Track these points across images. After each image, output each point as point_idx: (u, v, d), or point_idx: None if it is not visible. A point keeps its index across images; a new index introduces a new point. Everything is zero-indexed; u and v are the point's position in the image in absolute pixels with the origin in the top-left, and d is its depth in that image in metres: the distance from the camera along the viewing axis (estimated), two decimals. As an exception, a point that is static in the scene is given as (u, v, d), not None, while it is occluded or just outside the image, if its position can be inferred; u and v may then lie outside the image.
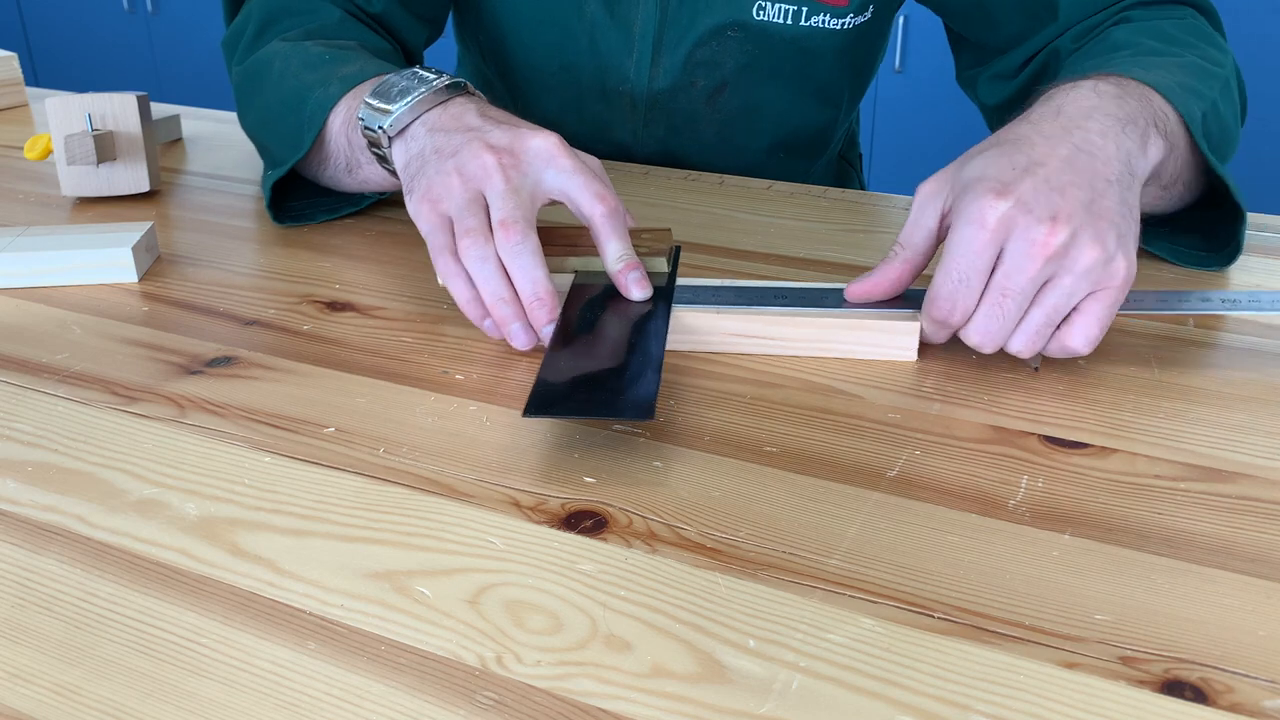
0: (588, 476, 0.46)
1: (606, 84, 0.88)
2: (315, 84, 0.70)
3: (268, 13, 0.79)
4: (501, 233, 0.54)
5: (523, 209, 0.55)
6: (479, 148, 0.57)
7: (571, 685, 0.35)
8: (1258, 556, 0.41)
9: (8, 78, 1.07)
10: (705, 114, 0.89)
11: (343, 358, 0.57)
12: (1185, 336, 0.58)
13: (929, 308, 0.53)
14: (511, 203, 0.55)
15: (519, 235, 0.54)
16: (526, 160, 0.57)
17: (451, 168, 0.57)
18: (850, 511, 0.44)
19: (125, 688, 0.36)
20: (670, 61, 0.86)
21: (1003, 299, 0.50)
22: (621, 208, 0.58)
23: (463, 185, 0.56)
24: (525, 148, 0.57)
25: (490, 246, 0.54)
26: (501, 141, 0.58)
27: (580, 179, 0.57)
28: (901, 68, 2.43)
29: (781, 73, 0.87)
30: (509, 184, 0.56)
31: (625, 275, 0.56)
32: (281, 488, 0.46)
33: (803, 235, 0.73)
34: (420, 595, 0.39)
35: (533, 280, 0.54)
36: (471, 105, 0.62)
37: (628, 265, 0.57)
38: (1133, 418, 0.50)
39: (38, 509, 0.45)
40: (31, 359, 0.57)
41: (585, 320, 0.55)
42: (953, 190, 0.53)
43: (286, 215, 0.74)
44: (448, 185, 0.57)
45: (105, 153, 0.78)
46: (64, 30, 3.30)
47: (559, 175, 0.57)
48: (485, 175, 0.56)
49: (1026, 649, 0.36)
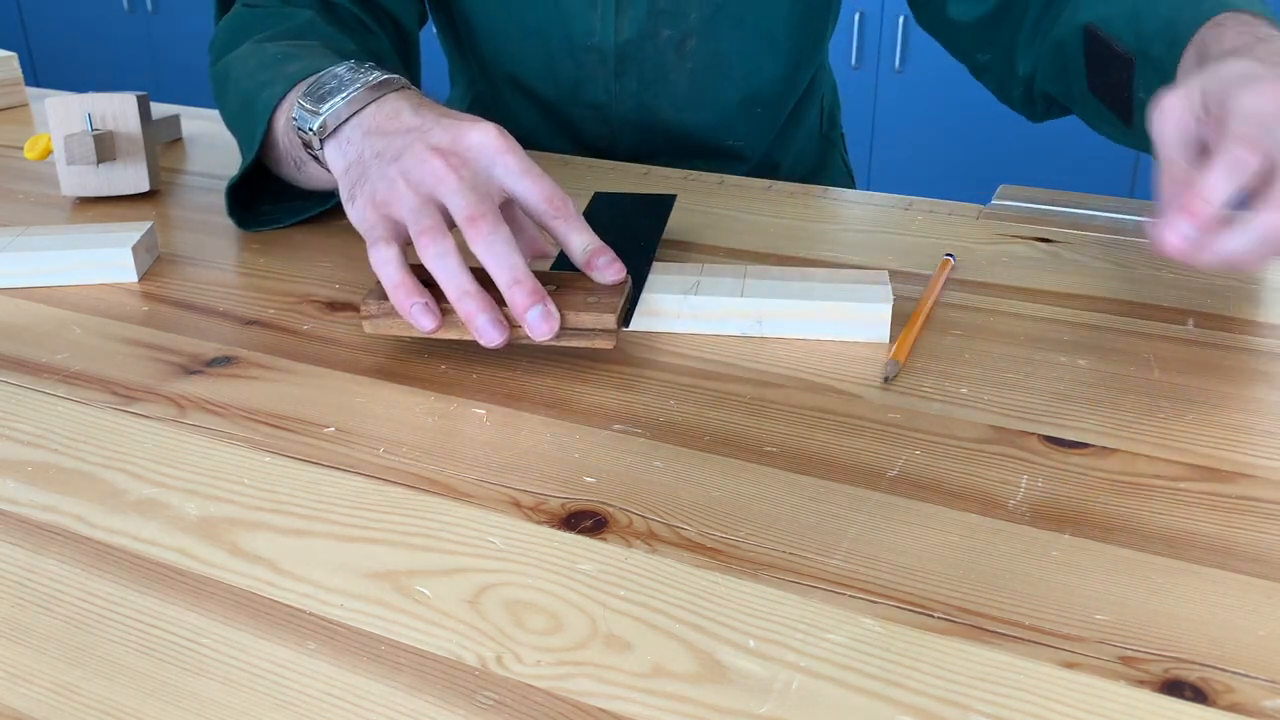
0: (588, 476, 0.46)
1: (574, 40, 0.89)
2: (265, 83, 0.70)
3: (244, 17, 0.80)
4: (472, 228, 0.53)
5: (488, 203, 0.54)
6: (422, 150, 0.56)
7: (571, 685, 0.35)
8: (1258, 556, 0.41)
9: (8, 78, 1.07)
10: (675, 65, 0.90)
11: (343, 358, 0.57)
12: (1185, 336, 0.58)
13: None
14: (474, 198, 0.54)
15: (489, 226, 0.53)
16: (473, 157, 0.56)
17: (396, 173, 0.56)
18: (850, 511, 0.44)
19: (125, 688, 0.36)
20: (635, 12, 0.87)
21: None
22: (569, 201, 0.57)
23: (412, 190, 0.55)
24: (468, 145, 0.56)
25: (449, 242, 0.53)
26: (444, 141, 0.56)
27: (528, 180, 0.56)
28: (901, 68, 2.43)
29: (744, 22, 0.88)
30: (463, 182, 0.55)
31: (596, 261, 0.56)
32: (281, 488, 0.46)
33: (803, 235, 0.73)
34: (420, 595, 0.39)
35: (510, 265, 0.53)
36: (405, 102, 0.60)
37: (595, 253, 0.56)
38: (1133, 418, 0.50)
39: (38, 509, 0.45)
40: (31, 359, 0.57)
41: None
42: (1204, 94, 0.52)
43: (259, 219, 0.74)
44: (394, 191, 0.56)
45: (105, 153, 0.78)
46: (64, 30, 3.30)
47: (507, 173, 0.56)
48: (436, 179, 0.55)
49: (1026, 649, 0.36)
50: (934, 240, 0.71)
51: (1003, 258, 0.69)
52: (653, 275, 0.60)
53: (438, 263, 0.53)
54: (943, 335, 0.58)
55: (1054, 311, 0.61)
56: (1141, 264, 0.67)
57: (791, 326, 0.58)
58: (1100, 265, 0.67)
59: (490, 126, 0.57)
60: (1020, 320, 0.60)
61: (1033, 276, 0.66)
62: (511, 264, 0.53)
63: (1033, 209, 0.77)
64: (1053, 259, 0.68)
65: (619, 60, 0.89)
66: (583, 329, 0.54)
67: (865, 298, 0.57)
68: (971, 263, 0.68)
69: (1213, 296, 0.63)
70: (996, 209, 0.77)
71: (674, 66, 0.90)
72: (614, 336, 0.54)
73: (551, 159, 0.88)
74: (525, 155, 0.57)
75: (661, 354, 0.57)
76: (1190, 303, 0.62)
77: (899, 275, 0.66)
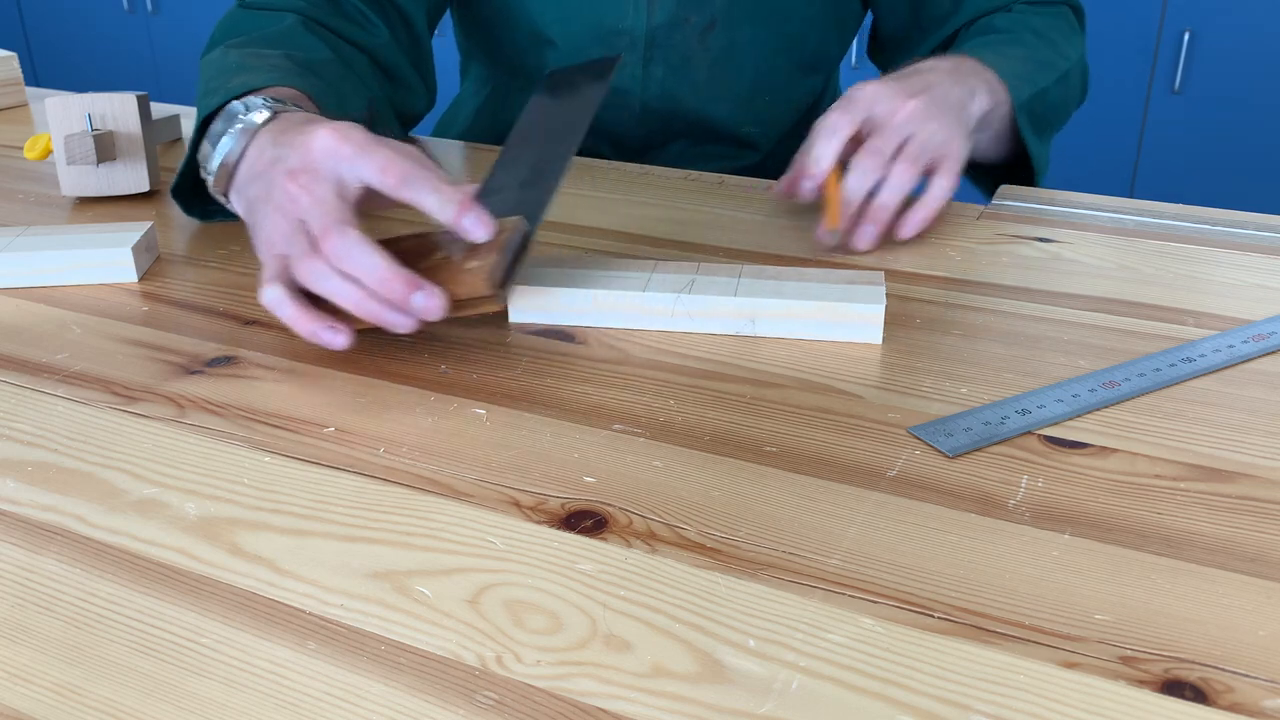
0: (588, 476, 0.46)
1: (605, 23, 0.90)
2: (210, 91, 0.70)
3: (234, 18, 0.80)
4: (323, 244, 0.54)
5: (333, 214, 0.55)
6: (282, 180, 0.57)
7: (571, 685, 0.35)
8: (1258, 556, 0.41)
9: (8, 77, 1.07)
10: (698, 53, 0.92)
11: (343, 357, 0.57)
12: (1185, 337, 0.58)
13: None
14: (318, 213, 0.55)
15: (335, 237, 0.54)
16: (316, 168, 0.57)
17: (271, 210, 0.57)
18: (850, 511, 0.44)
19: (125, 688, 0.36)
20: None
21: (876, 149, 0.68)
22: (410, 166, 0.56)
23: (283, 221, 0.56)
24: (314, 158, 0.57)
25: (319, 262, 0.54)
26: (296, 163, 0.57)
27: (361, 160, 0.56)
28: (901, 68, 2.43)
29: (760, 12, 0.91)
30: (313, 198, 0.56)
31: (459, 222, 0.55)
32: (281, 488, 0.46)
33: (803, 235, 0.73)
34: (420, 595, 0.39)
35: (370, 268, 0.53)
36: (268, 135, 0.61)
37: (457, 211, 0.55)
38: (1133, 418, 0.50)
39: (38, 509, 0.45)
40: (31, 359, 0.57)
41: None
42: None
43: (213, 212, 0.74)
44: (274, 227, 0.57)
45: (105, 153, 0.78)
46: (64, 30, 3.30)
47: (346, 165, 0.57)
48: (292, 203, 0.56)
49: (1026, 649, 0.36)
50: (934, 240, 0.71)
51: (1003, 258, 0.69)
52: (649, 274, 0.60)
53: (322, 284, 0.54)
54: (943, 335, 0.58)
55: (1054, 311, 0.61)
56: (1141, 264, 0.67)
57: (785, 326, 0.58)
58: (1100, 265, 0.67)
59: (326, 130, 0.57)
60: (1020, 320, 0.60)
61: (1033, 276, 0.66)
62: (369, 265, 0.53)
63: (1033, 209, 0.77)
64: (1053, 259, 0.68)
65: (649, 46, 0.91)
66: (467, 298, 0.54)
67: (858, 298, 0.57)
68: (972, 263, 0.68)
69: (1213, 296, 0.63)
70: (996, 208, 0.78)
71: (697, 55, 0.92)
72: (494, 300, 0.55)
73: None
74: (363, 143, 0.57)
75: (661, 354, 0.57)
76: (1190, 303, 0.62)
77: (899, 275, 0.66)
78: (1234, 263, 0.67)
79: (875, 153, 0.68)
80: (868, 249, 0.69)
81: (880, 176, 0.68)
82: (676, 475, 0.46)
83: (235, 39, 0.78)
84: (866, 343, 0.57)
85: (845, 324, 0.57)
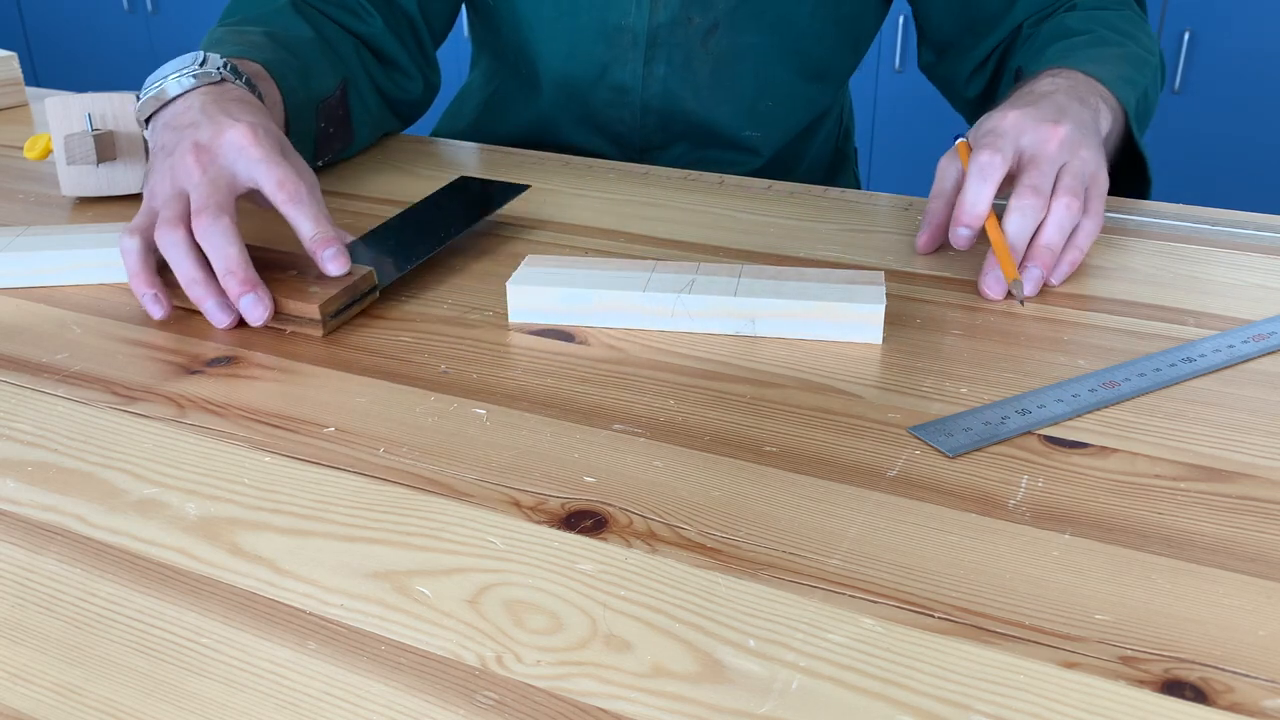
0: (588, 476, 0.46)
1: (608, 19, 0.90)
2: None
3: (235, 2, 0.85)
4: (195, 220, 0.58)
5: (216, 196, 0.59)
6: (186, 147, 0.61)
7: (571, 685, 0.35)
8: (1258, 556, 0.41)
9: (8, 77, 1.07)
10: (700, 54, 0.92)
11: (343, 358, 0.57)
12: (1185, 337, 0.58)
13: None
14: (204, 192, 0.59)
15: (209, 218, 0.58)
16: (221, 153, 0.61)
17: (166, 168, 0.62)
18: (850, 511, 0.44)
19: (125, 687, 0.36)
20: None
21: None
22: (303, 187, 0.61)
23: (170, 183, 0.61)
24: (221, 142, 0.61)
25: (179, 232, 0.58)
26: (204, 138, 0.61)
27: (264, 166, 0.61)
28: (901, 68, 2.43)
29: (764, 17, 0.91)
30: (205, 175, 0.60)
31: (320, 253, 0.60)
32: (281, 488, 0.46)
33: (803, 235, 0.73)
34: (420, 595, 0.39)
35: (224, 256, 0.57)
36: (197, 101, 0.65)
37: (319, 243, 0.60)
38: (1133, 418, 0.50)
39: (38, 509, 0.45)
40: (31, 359, 0.57)
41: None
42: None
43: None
44: (161, 183, 0.61)
45: (105, 152, 0.78)
46: (64, 30, 3.30)
47: (249, 164, 0.61)
48: (185, 174, 0.60)
49: (1026, 649, 0.37)
50: (934, 240, 0.71)
51: (1003, 258, 0.69)
52: (649, 274, 0.60)
53: (171, 251, 0.58)
54: (943, 335, 0.58)
55: (1054, 311, 0.61)
56: (1141, 264, 0.67)
57: (785, 326, 0.58)
58: (1101, 265, 0.67)
59: (245, 125, 0.62)
60: (1020, 320, 0.60)
61: (1033, 276, 0.66)
62: (226, 254, 0.58)
63: (1033, 209, 0.77)
64: (1053, 259, 0.68)
65: (650, 43, 0.91)
66: (294, 315, 0.58)
67: (858, 298, 0.57)
68: (972, 263, 0.68)
69: (1213, 296, 0.63)
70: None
71: (698, 55, 0.92)
72: (320, 326, 0.58)
73: (552, 160, 0.88)
74: (271, 151, 0.61)
75: (661, 354, 0.57)
76: (1190, 303, 0.62)
77: (899, 275, 0.66)
78: (1234, 263, 0.67)
79: (1036, 191, 0.63)
80: (1034, 295, 0.63)
81: (1043, 215, 0.64)
82: (676, 475, 0.46)
83: (231, 18, 0.83)
84: (866, 343, 0.57)
85: (845, 324, 0.57)
